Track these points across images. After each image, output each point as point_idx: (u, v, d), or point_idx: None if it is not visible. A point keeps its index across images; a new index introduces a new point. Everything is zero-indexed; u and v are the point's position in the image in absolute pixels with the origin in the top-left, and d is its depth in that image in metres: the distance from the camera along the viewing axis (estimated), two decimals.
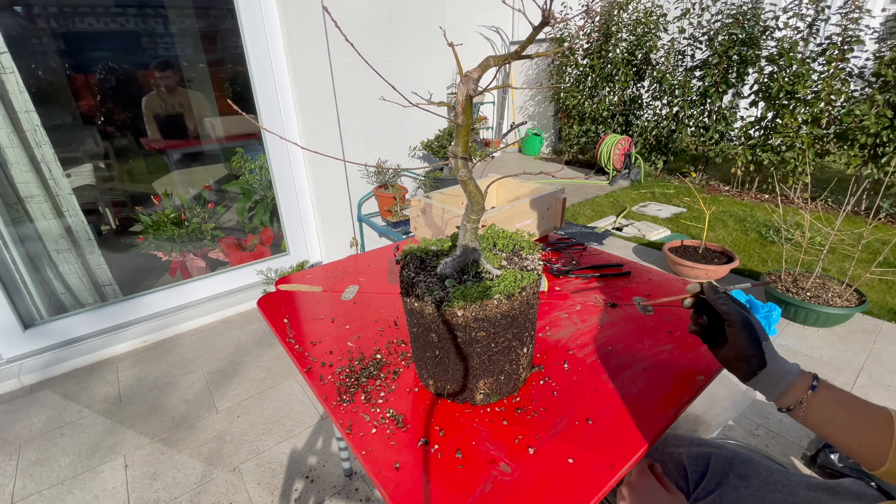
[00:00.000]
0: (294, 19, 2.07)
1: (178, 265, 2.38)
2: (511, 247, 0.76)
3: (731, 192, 4.29)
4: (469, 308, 0.61)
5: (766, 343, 0.65)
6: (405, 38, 2.49)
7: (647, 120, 5.15)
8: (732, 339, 0.65)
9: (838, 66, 3.46)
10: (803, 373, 0.64)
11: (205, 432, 1.60)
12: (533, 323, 0.70)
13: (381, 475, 0.58)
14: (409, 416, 0.69)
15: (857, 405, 0.61)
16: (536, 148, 6.28)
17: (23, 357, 1.88)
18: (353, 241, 2.68)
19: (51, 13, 2.03)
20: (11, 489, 1.40)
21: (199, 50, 2.55)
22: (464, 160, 0.60)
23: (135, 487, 1.40)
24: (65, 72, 2.19)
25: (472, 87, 0.55)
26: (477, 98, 6.04)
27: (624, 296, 1.03)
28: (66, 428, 1.64)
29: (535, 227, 1.36)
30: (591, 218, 3.69)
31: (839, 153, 3.63)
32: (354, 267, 1.23)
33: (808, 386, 0.62)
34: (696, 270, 2.46)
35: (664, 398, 0.71)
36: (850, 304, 2.06)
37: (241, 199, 2.61)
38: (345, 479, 1.40)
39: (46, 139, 1.84)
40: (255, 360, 1.99)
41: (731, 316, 0.66)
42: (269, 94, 2.18)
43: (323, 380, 0.77)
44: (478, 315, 0.61)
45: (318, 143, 2.33)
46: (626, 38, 5.02)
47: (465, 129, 0.58)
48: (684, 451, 0.78)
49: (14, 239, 1.87)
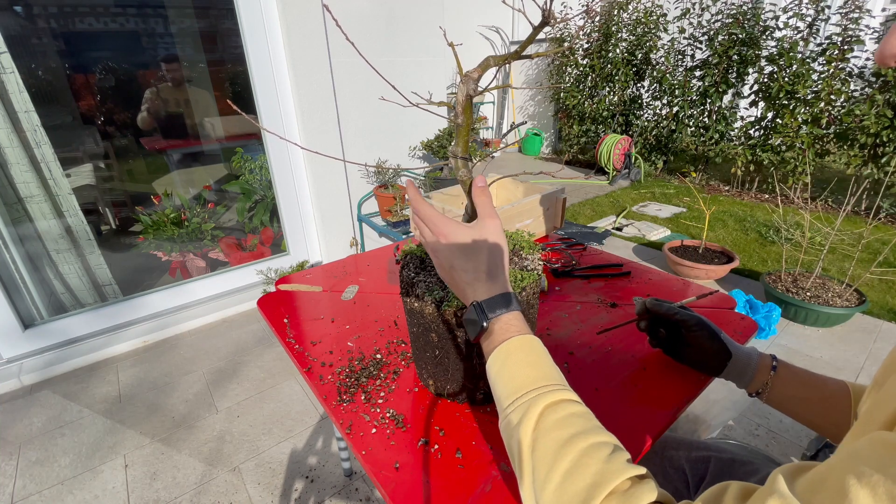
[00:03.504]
0: (294, 19, 2.07)
1: (178, 265, 2.38)
2: (511, 246, 0.75)
3: (731, 192, 4.29)
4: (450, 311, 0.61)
5: (723, 335, 0.70)
6: (405, 38, 2.49)
7: (647, 120, 5.15)
8: (695, 341, 0.71)
9: (838, 66, 3.46)
10: (762, 355, 0.69)
11: (205, 432, 1.60)
12: (534, 323, 0.70)
13: (380, 475, 0.58)
14: (409, 416, 0.68)
15: (815, 380, 0.65)
16: (536, 148, 6.28)
17: (23, 357, 1.88)
18: (353, 241, 2.68)
19: (51, 13, 2.03)
20: (11, 489, 1.40)
21: (199, 50, 2.55)
22: (464, 160, 0.60)
23: (135, 487, 1.40)
24: (65, 72, 2.19)
25: (472, 87, 0.55)
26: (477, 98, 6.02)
27: (624, 296, 1.03)
28: (66, 428, 1.64)
29: (535, 227, 1.36)
30: (591, 218, 3.69)
31: (839, 153, 3.63)
32: (354, 267, 1.23)
33: (769, 367, 0.67)
34: (696, 270, 2.46)
35: (664, 398, 0.71)
36: (850, 304, 2.06)
37: (241, 199, 2.61)
38: (345, 479, 1.40)
39: (46, 139, 1.84)
40: (255, 360, 1.99)
41: (687, 321, 0.72)
42: (269, 94, 2.18)
43: (323, 380, 0.77)
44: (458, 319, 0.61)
45: (318, 144, 2.32)
46: (626, 37, 5.02)
47: (465, 129, 0.58)
48: (683, 455, 0.78)
49: (14, 239, 1.86)
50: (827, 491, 0.28)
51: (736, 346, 0.69)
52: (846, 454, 0.29)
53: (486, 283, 0.54)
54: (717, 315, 0.92)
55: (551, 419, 0.45)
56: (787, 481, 0.30)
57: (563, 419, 0.45)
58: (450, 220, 0.57)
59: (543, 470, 0.42)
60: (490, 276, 0.54)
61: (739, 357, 0.68)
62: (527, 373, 0.49)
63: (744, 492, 0.34)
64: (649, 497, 0.37)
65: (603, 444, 0.42)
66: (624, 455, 0.42)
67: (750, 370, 0.67)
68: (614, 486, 0.38)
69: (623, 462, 0.41)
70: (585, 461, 0.41)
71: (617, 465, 0.40)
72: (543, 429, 0.44)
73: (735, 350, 0.68)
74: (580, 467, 0.40)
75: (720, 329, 0.71)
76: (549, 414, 0.45)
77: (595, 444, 0.42)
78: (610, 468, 0.40)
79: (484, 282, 0.54)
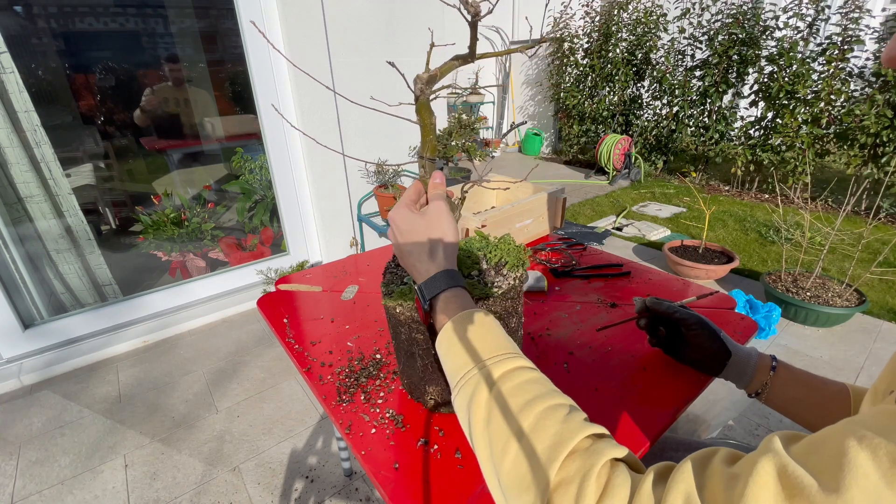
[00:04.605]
0: (293, 19, 2.07)
1: (178, 265, 2.38)
2: (497, 259, 0.69)
3: (731, 191, 4.29)
4: (406, 306, 0.61)
5: (723, 335, 0.70)
6: (405, 38, 2.49)
7: (647, 120, 5.15)
8: (695, 341, 0.71)
9: (838, 65, 3.46)
10: (762, 355, 0.68)
11: (205, 432, 1.60)
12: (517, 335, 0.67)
13: (380, 475, 0.58)
14: (409, 416, 0.68)
15: (815, 381, 0.65)
16: (536, 148, 6.28)
17: (23, 357, 1.88)
18: (353, 241, 2.68)
19: (51, 13, 2.03)
20: (11, 489, 1.40)
21: (198, 50, 2.55)
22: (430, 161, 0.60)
23: (135, 487, 1.40)
24: (65, 72, 2.19)
25: (418, 88, 0.55)
26: (476, 98, 6.05)
27: (624, 296, 1.03)
28: (66, 428, 1.64)
29: (535, 227, 1.36)
30: (591, 218, 3.69)
31: (839, 153, 3.62)
32: (354, 267, 1.23)
33: (768, 367, 0.67)
34: (696, 270, 2.46)
35: (664, 398, 0.71)
36: (850, 304, 2.06)
37: (241, 199, 2.61)
38: (345, 479, 1.40)
39: (46, 139, 1.84)
40: (255, 359, 1.99)
41: (686, 320, 0.72)
42: (269, 94, 2.18)
43: (323, 380, 0.77)
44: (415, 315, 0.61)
45: (318, 144, 2.32)
46: (626, 37, 5.02)
47: (424, 130, 0.58)
48: (682, 456, 0.78)
49: (14, 239, 1.86)
50: (824, 452, 0.27)
51: (735, 345, 0.69)
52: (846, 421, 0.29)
53: (427, 263, 0.54)
54: (717, 315, 0.92)
55: (505, 387, 0.43)
56: (784, 445, 0.30)
57: (517, 386, 0.43)
58: (401, 207, 0.58)
59: (501, 440, 0.40)
60: (431, 255, 0.54)
61: (739, 357, 0.68)
62: (474, 346, 0.47)
63: (733, 455, 0.33)
64: (613, 453, 0.36)
65: (559, 405, 0.41)
66: (581, 414, 0.41)
67: (749, 370, 0.67)
68: (574, 444, 0.37)
69: (581, 421, 0.40)
70: (543, 423, 0.39)
71: (575, 423, 0.39)
72: (497, 399, 0.43)
73: (734, 350, 0.68)
74: (538, 430, 0.39)
75: (720, 329, 0.71)
76: (503, 383, 0.44)
77: (551, 407, 0.41)
78: (568, 427, 0.39)
79: (426, 262, 0.54)
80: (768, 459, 0.28)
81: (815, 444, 0.28)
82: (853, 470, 0.25)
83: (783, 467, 0.28)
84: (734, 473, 0.30)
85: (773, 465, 0.28)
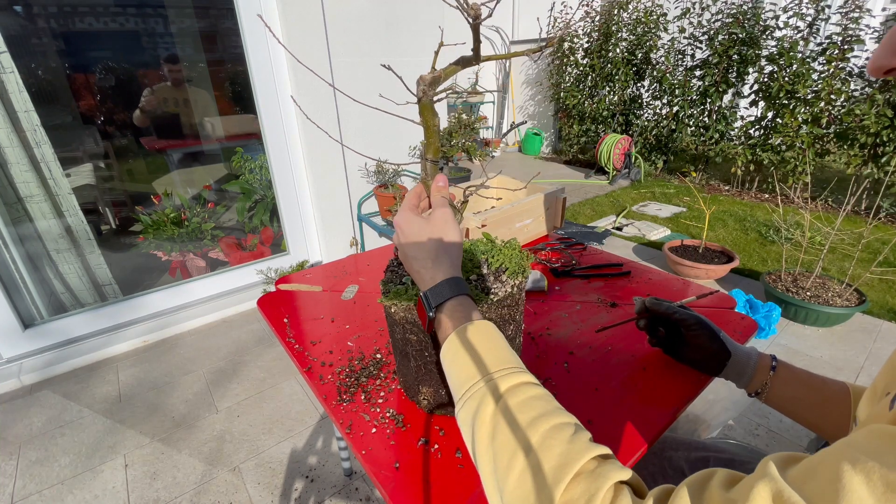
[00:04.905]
0: (293, 19, 2.07)
1: (178, 265, 2.38)
2: (498, 264, 0.68)
3: (731, 191, 4.29)
4: (400, 306, 0.60)
5: (723, 335, 0.70)
6: (405, 38, 2.49)
7: (647, 119, 5.15)
8: (695, 341, 0.71)
9: (838, 65, 3.46)
10: (762, 355, 0.68)
11: (205, 432, 1.60)
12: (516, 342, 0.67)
13: (380, 475, 0.58)
14: (409, 415, 0.68)
15: (815, 381, 0.65)
16: (536, 147, 6.28)
17: (23, 357, 1.88)
18: (353, 240, 2.68)
19: (51, 13, 2.03)
20: (11, 489, 1.40)
21: (198, 49, 2.55)
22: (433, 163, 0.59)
23: (135, 487, 1.40)
24: (65, 71, 2.19)
25: (421, 90, 0.55)
26: (476, 98, 6.05)
27: (624, 295, 1.03)
28: (66, 428, 1.64)
29: (535, 227, 1.36)
30: (591, 218, 3.69)
31: (839, 153, 3.62)
32: (354, 267, 1.23)
33: (768, 367, 0.67)
34: (696, 270, 2.46)
35: (664, 398, 0.71)
36: (850, 304, 2.06)
37: (241, 199, 2.61)
38: (345, 478, 1.40)
39: (46, 139, 1.84)
40: (255, 359, 1.99)
41: (686, 320, 0.72)
42: (269, 94, 2.18)
43: (323, 379, 0.77)
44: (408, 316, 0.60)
45: (318, 143, 2.33)
46: (626, 37, 5.02)
47: (427, 132, 0.58)
48: (683, 456, 0.78)
49: (14, 239, 1.86)
50: (820, 477, 0.27)
51: (735, 345, 0.69)
52: (841, 444, 0.29)
53: (431, 270, 0.53)
54: (717, 315, 0.92)
55: (510, 403, 0.43)
56: (779, 469, 0.30)
57: (523, 402, 0.43)
58: (405, 211, 0.57)
59: (506, 456, 0.40)
60: (436, 262, 0.53)
61: (739, 357, 0.68)
62: (480, 358, 0.47)
63: (730, 478, 0.33)
64: (618, 476, 0.36)
65: (564, 424, 0.41)
66: (586, 434, 0.41)
67: (749, 370, 0.67)
68: (580, 466, 0.37)
69: (586, 441, 0.40)
70: (549, 443, 0.39)
71: (580, 444, 0.39)
72: (503, 414, 0.42)
73: (734, 349, 0.68)
74: (543, 450, 0.39)
75: (720, 328, 0.71)
76: (509, 398, 0.43)
77: (556, 426, 0.40)
78: (574, 448, 0.38)
79: (430, 269, 0.53)
80: (764, 484, 0.29)
81: (809, 470, 0.29)
82: (848, 495, 0.25)
83: (779, 493, 0.28)
84: (731, 499, 0.31)
85: (769, 491, 0.28)
